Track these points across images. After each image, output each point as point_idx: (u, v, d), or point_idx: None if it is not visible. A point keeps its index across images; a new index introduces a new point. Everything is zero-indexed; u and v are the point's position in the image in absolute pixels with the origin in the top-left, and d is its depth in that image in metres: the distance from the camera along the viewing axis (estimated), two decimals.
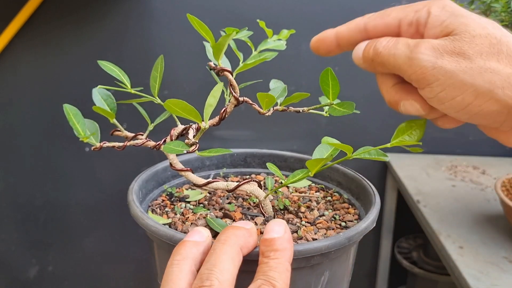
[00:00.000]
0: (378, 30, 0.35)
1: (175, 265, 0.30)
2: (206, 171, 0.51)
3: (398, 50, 0.33)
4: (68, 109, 0.40)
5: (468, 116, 0.32)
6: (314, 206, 0.44)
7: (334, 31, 0.36)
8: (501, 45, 0.31)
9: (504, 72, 0.30)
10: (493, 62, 0.30)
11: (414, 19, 0.33)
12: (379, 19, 0.35)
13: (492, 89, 0.30)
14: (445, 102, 0.32)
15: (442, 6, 0.33)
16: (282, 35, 0.45)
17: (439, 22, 0.32)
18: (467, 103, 0.31)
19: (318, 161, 0.37)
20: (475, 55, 0.30)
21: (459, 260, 0.72)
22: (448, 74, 0.31)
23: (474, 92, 0.31)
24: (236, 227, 0.33)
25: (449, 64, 0.31)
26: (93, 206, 1.27)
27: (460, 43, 0.31)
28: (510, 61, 0.30)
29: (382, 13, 0.35)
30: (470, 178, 1.05)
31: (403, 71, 0.33)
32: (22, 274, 1.31)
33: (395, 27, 0.34)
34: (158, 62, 0.40)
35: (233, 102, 0.40)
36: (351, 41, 0.36)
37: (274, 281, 0.29)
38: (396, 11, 0.34)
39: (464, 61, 0.30)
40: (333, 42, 0.36)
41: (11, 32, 1.08)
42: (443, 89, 0.31)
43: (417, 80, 0.32)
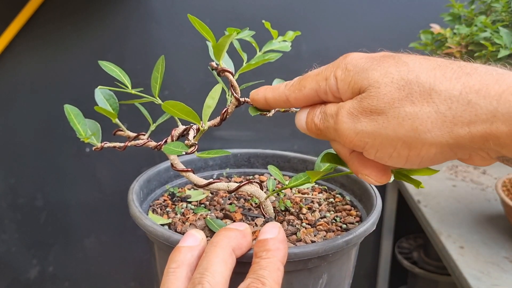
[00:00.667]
0: (299, 102, 0.34)
1: (171, 273, 0.31)
2: (209, 171, 0.52)
3: (327, 123, 0.32)
4: (69, 109, 0.40)
5: (417, 165, 0.30)
6: (315, 207, 0.44)
7: (262, 96, 0.36)
8: (410, 84, 0.28)
9: (423, 113, 0.27)
10: (407, 106, 0.28)
11: (327, 88, 0.32)
12: (298, 91, 0.34)
13: (418, 136, 0.28)
14: (386, 160, 0.30)
15: (344, 67, 0.31)
16: (288, 37, 0.44)
17: (346, 85, 0.31)
18: (405, 156, 0.29)
19: (318, 172, 0.38)
20: (387, 107, 0.28)
21: (460, 260, 0.72)
22: (371, 135, 0.29)
23: (404, 144, 0.28)
24: (228, 229, 0.33)
25: (368, 125, 0.29)
26: (93, 207, 1.27)
27: (369, 100, 0.29)
28: (425, 97, 0.27)
29: (298, 84, 0.34)
30: (471, 178, 1.05)
31: (341, 142, 0.32)
32: (22, 275, 1.31)
33: (314, 97, 0.33)
34: (159, 63, 0.40)
35: (234, 103, 0.40)
36: (280, 107, 0.36)
37: (264, 279, 0.29)
38: (309, 81, 0.33)
39: (380, 117, 0.29)
40: (265, 104, 0.36)
41: (12, 33, 1.08)
42: (376, 150, 0.30)
43: (352, 147, 0.31)
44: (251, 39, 0.42)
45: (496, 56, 0.76)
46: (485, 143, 0.26)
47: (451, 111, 0.27)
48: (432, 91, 0.27)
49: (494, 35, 0.77)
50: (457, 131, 0.27)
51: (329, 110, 0.32)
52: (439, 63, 0.29)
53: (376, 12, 1.12)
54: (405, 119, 0.28)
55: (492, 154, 0.28)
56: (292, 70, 1.17)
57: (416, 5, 1.12)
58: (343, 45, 1.14)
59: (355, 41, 1.13)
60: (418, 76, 0.28)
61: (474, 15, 0.88)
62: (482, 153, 0.28)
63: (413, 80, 0.28)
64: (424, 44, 0.92)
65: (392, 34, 1.13)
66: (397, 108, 0.28)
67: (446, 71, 0.28)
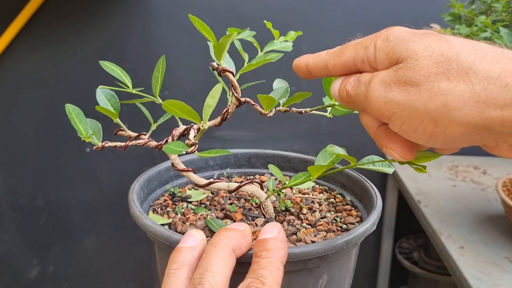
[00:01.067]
0: (337, 69, 0.34)
1: (171, 274, 0.31)
2: (210, 171, 0.52)
3: (359, 89, 0.32)
4: (70, 109, 0.40)
5: (441, 143, 0.30)
6: (316, 208, 0.44)
7: (304, 62, 0.36)
8: (449, 61, 0.28)
9: (457, 90, 0.27)
10: (443, 82, 0.27)
11: (366, 57, 0.32)
12: (336, 58, 0.34)
13: (447, 112, 0.27)
14: (411, 134, 0.30)
15: (385, 37, 0.31)
16: (289, 37, 0.44)
17: (384, 55, 0.31)
18: (430, 131, 0.29)
19: (320, 167, 0.38)
20: (422, 79, 0.28)
21: (460, 260, 0.72)
22: (400, 105, 0.29)
23: (431, 119, 0.28)
24: (228, 229, 0.33)
25: (399, 95, 0.29)
26: (94, 207, 1.27)
27: (405, 70, 0.29)
28: (462, 75, 0.27)
29: (339, 51, 0.34)
30: (471, 178, 1.05)
31: (368, 110, 0.32)
32: (23, 275, 1.31)
33: (351, 65, 0.33)
34: (160, 63, 0.40)
35: (234, 103, 0.40)
36: (320, 75, 0.36)
37: (264, 278, 0.29)
38: (349, 49, 0.33)
39: (413, 89, 0.28)
40: (306, 71, 0.37)
41: (12, 33, 1.08)
42: (402, 122, 0.30)
43: (378, 116, 0.31)
44: (252, 39, 0.42)
45: None
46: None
47: (486, 92, 0.27)
48: (470, 70, 0.27)
49: (495, 35, 0.77)
50: (488, 112, 0.27)
51: (363, 78, 0.32)
52: (482, 45, 0.28)
53: (376, 12, 1.12)
54: (437, 94, 0.28)
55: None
56: (292, 70, 1.17)
57: (416, 5, 1.12)
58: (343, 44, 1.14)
59: None
60: (458, 54, 0.28)
61: (474, 15, 0.88)
62: (510, 140, 0.28)
63: (453, 58, 0.28)
64: None
65: None
66: (432, 82, 0.28)
67: (488, 53, 0.28)
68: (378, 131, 0.33)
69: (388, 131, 0.32)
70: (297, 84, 1.16)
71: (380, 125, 0.33)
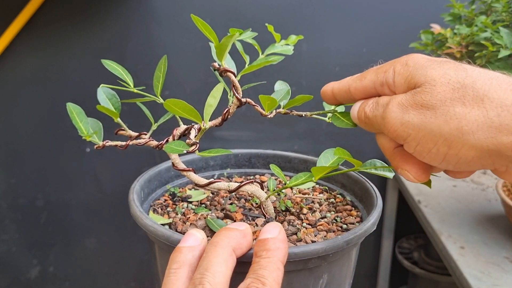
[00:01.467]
0: (358, 92, 0.36)
1: (172, 273, 0.31)
2: (210, 171, 0.52)
3: (377, 111, 0.34)
4: (72, 108, 0.40)
5: (453, 166, 0.31)
6: (316, 208, 0.45)
7: (330, 88, 0.38)
8: (465, 88, 0.29)
9: (471, 115, 0.29)
10: (458, 107, 0.29)
11: (384, 80, 0.34)
12: (358, 82, 0.36)
13: (461, 136, 0.29)
14: (425, 156, 0.31)
15: (404, 62, 0.33)
16: (290, 40, 0.45)
17: (403, 79, 0.32)
18: (444, 153, 0.30)
19: (324, 168, 0.38)
20: (438, 103, 0.30)
21: (460, 260, 0.72)
22: (416, 127, 0.31)
23: (445, 142, 0.30)
24: (229, 229, 0.33)
25: (415, 118, 0.30)
26: (94, 207, 1.27)
27: (422, 95, 0.30)
28: (477, 102, 0.29)
29: (361, 75, 0.36)
30: (471, 178, 1.05)
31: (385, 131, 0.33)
32: (23, 275, 1.31)
33: (371, 88, 0.35)
34: (161, 62, 0.40)
35: (235, 103, 0.40)
36: (343, 99, 0.38)
37: (264, 279, 0.29)
38: (370, 73, 0.35)
39: (429, 112, 0.30)
40: (331, 96, 0.38)
41: (12, 33, 1.08)
42: (417, 143, 0.31)
43: (394, 137, 0.32)
44: (253, 41, 0.42)
45: (496, 57, 0.76)
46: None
47: (499, 118, 0.28)
48: (485, 97, 0.29)
49: (495, 35, 0.77)
50: (501, 138, 0.28)
51: (382, 100, 0.34)
52: (498, 75, 0.30)
53: (376, 12, 1.12)
54: (452, 118, 0.29)
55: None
56: (292, 71, 1.17)
57: (416, 5, 1.12)
58: (343, 45, 1.14)
59: (355, 42, 1.13)
60: (475, 82, 0.29)
61: (474, 15, 0.88)
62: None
63: (469, 85, 0.29)
64: (425, 44, 0.92)
65: (392, 34, 1.13)
66: (448, 106, 0.29)
67: (503, 83, 0.29)
68: (394, 153, 0.35)
69: (403, 153, 0.34)
70: (296, 84, 1.16)
71: (396, 147, 0.35)
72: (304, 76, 1.16)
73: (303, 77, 1.16)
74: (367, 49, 1.14)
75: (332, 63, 1.15)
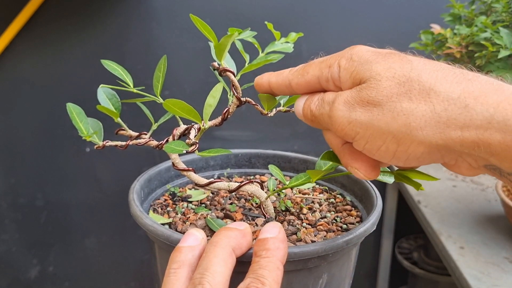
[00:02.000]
0: (301, 88, 0.35)
1: (172, 273, 0.31)
2: (211, 171, 0.52)
3: (323, 109, 0.32)
4: (72, 108, 0.40)
5: (403, 162, 0.30)
6: (316, 208, 0.45)
7: (267, 81, 0.36)
8: (411, 81, 0.28)
9: (418, 110, 0.28)
10: (404, 102, 0.28)
11: (329, 76, 0.32)
12: (300, 77, 0.34)
13: (409, 132, 0.28)
14: (374, 153, 0.31)
15: (349, 56, 0.32)
16: (290, 38, 0.44)
17: (348, 75, 0.31)
18: (393, 151, 0.29)
19: (319, 172, 0.38)
20: (384, 99, 0.28)
21: (460, 261, 0.72)
22: (364, 125, 0.29)
23: (394, 139, 0.29)
24: (228, 228, 0.33)
25: (362, 115, 0.29)
26: (94, 207, 1.27)
27: (368, 91, 0.29)
28: (424, 96, 0.28)
29: (302, 69, 0.34)
30: (471, 178, 1.05)
31: (332, 130, 0.32)
32: (23, 275, 1.31)
33: (315, 83, 0.34)
34: (161, 62, 0.40)
35: (235, 103, 0.40)
36: (282, 93, 0.36)
37: (264, 278, 0.29)
38: (313, 68, 0.34)
39: (376, 109, 0.29)
40: (268, 89, 0.37)
41: (12, 33, 1.08)
42: (366, 141, 0.30)
43: (343, 136, 0.31)
44: (253, 40, 0.42)
45: (496, 57, 0.76)
46: (475, 148, 0.27)
47: (446, 113, 0.27)
48: (431, 91, 0.28)
49: (495, 35, 0.77)
50: (449, 133, 0.27)
51: (327, 97, 0.32)
52: (443, 66, 0.29)
53: (376, 12, 1.12)
54: (399, 114, 0.28)
55: (479, 162, 0.28)
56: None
57: (416, 5, 1.12)
58: (343, 45, 1.13)
59: (355, 41, 1.13)
60: (420, 75, 0.28)
61: (474, 16, 0.88)
62: (470, 160, 0.29)
63: (414, 78, 0.28)
64: (425, 45, 0.92)
65: (392, 34, 1.13)
66: (394, 102, 0.28)
67: (448, 74, 0.28)
68: (343, 149, 0.34)
69: (352, 150, 0.33)
70: None
71: (344, 143, 0.34)
72: None
73: None
74: None
75: None
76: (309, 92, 0.35)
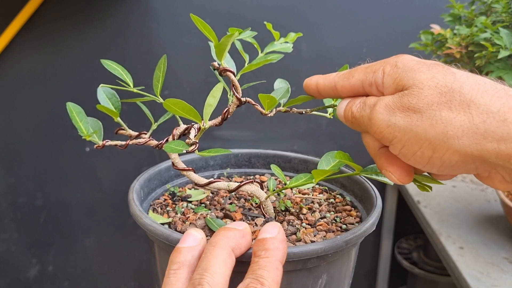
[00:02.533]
0: (345, 90, 0.36)
1: (172, 274, 0.31)
2: (210, 171, 0.52)
3: (364, 112, 0.33)
4: (71, 107, 0.40)
5: (437, 169, 0.31)
6: (316, 208, 0.45)
7: (315, 82, 0.38)
8: (452, 92, 0.29)
9: (457, 120, 0.29)
10: (444, 111, 0.29)
11: (373, 80, 0.33)
12: (345, 80, 0.35)
13: (446, 140, 0.29)
14: (409, 158, 0.32)
15: (394, 63, 0.33)
16: (289, 38, 0.44)
17: (392, 81, 0.32)
18: (428, 156, 0.30)
19: (324, 172, 0.38)
20: (425, 107, 0.30)
21: (460, 261, 0.72)
22: (402, 130, 0.31)
23: (430, 145, 0.30)
24: (228, 229, 0.33)
25: (402, 120, 0.30)
26: (93, 206, 1.27)
27: (409, 97, 0.30)
28: (464, 107, 0.29)
29: (348, 73, 0.36)
30: (471, 178, 1.05)
31: (371, 132, 0.33)
32: (22, 274, 1.31)
33: (359, 87, 0.35)
34: (161, 62, 0.40)
35: (235, 103, 0.40)
36: (328, 95, 0.38)
37: (263, 279, 0.29)
38: (358, 72, 0.35)
39: (415, 115, 0.30)
40: (315, 90, 0.38)
41: (12, 32, 1.08)
42: (403, 145, 0.31)
43: (380, 139, 0.33)
44: (253, 40, 0.42)
45: (496, 57, 0.76)
46: (510, 161, 0.28)
47: (484, 125, 0.28)
48: (472, 102, 0.29)
49: (494, 35, 0.77)
50: (485, 144, 0.28)
51: (369, 101, 0.33)
52: (485, 81, 0.30)
53: (376, 13, 1.12)
54: (438, 122, 0.29)
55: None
56: (292, 70, 1.17)
57: (416, 6, 1.12)
58: (343, 45, 1.14)
59: (355, 41, 1.13)
60: (462, 87, 0.29)
61: (474, 16, 0.88)
62: (503, 173, 0.30)
63: (456, 89, 0.29)
64: (424, 45, 0.92)
65: (392, 35, 1.13)
66: (434, 110, 0.29)
67: (490, 89, 0.29)
68: (379, 153, 0.35)
69: (388, 154, 0.34)
70: (296, 84, 1.16)
71: (381, 147, 0.34)
72: (304, 76, 1.14)
73: (302, 77, 1.15)
74: (367, 49, 1.14)
75: (332, 63, 1.15)
76: (353, 95, 0.36)
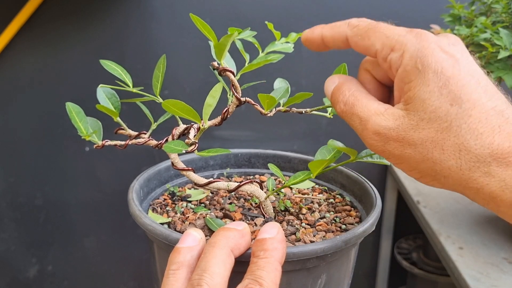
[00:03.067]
0: (358, 48, 0.33)
1: (171, 275, 0.31)
2: (210, 171, 0.52)
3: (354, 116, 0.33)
4: (71, 107, 0.40)
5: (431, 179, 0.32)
6: (315, 208, 0.44)
7: (319, 34, 0.35)
8: (449, 131, 0.29)
9: (446, 164, 0.29)
10: (436, 152, 0.29)
11: (388, 59, 0.31)
12: (360, 39, 0.33)
13: (434, 175, 0.30)
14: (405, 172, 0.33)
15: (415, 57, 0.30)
16: (291, 38, 0.44)
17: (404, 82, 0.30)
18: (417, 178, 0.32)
19: (321, 162, 0.37)
20: (419, 141, 0.30)
21: (459, 261, 0.72)
22: (396, 157, 0.31)
23: (419, 173, 0.31)
24: (227, 229, 0.33)
25: (396, 150, 0.31)
26: (93, 206, 1.27)
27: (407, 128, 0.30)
28: (456, 150, 0.29)
29: (365, 32, 0.32)
30: None
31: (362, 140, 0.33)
32: (22, 274, 1.31)
33: (372, 53, 0.33)
34: (160, 61, 0.40)
35: (235, 102, 0.40)
36: (337, 47, 0.35)
37: (261, 279, 0.29)
38: (377, 38, 0.32)
39: (409, 148, 0.30)
40: (320, 43, 0.35)
41: (12, 32, 1.08)
42: (395, 164, 0.32)
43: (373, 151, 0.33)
44: (253, 40, 0.42)
45: (496, 58, 0.76)
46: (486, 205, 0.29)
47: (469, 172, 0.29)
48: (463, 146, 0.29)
49: (494, 36, 0.77)
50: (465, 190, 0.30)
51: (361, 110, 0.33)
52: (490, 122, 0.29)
53: (376, 13, 1.12)
54: (429, 161, 0.30)
55: None
56: (292, 71, 1.17)
57: (416, 6, 1.12)
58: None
59: None
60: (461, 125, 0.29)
61: (474, 16, 0.88)
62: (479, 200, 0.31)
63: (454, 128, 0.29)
64: None
65: None
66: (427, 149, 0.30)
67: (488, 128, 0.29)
68: None
69: None
70: (296, 84, 1.16)
71: None
72: (303, 76, 1.16)
73: (302, 77, 1.16)
74: None
75: (332, 63, 1.15)
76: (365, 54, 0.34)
